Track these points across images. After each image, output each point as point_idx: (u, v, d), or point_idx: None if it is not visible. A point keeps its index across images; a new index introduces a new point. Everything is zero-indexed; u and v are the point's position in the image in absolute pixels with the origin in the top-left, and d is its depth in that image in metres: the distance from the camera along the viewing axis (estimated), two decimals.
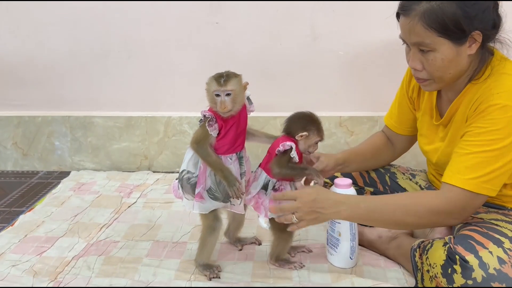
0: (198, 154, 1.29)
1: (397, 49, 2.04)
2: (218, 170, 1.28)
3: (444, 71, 1.18)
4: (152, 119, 2.23)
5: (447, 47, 1.15)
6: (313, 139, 1.33)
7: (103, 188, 2.03)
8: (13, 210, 1.87)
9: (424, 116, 1.39)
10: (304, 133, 1.31)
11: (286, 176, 1.31)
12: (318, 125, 1.33)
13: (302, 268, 1.38)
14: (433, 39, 1.14)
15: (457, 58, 1.17)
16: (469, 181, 1.14)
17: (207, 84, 1.28)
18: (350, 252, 1.36)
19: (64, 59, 2.19)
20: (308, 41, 2.09)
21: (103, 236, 1.60)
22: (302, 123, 1.33)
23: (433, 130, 1.36)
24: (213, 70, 2.12)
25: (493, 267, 1.08)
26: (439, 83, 1.23)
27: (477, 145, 1.14)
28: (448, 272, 1.12)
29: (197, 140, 1.28)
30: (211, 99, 1.27)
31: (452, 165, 1.18)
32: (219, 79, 1.25)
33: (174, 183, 1.38)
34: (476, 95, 1.19)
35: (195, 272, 1.37)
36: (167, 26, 2.11)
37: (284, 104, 2.18)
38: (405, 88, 1.46)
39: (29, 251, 1.51)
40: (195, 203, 1.31)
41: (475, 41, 1.15)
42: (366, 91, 2.15)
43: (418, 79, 1.25)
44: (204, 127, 1.27)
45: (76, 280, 1.35)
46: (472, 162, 1.14)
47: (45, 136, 2.28)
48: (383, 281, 1.30)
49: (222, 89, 1.24)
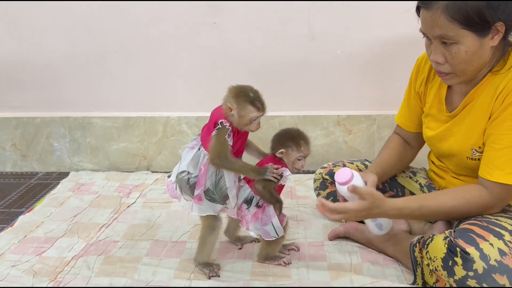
0: (224, 167, 1.27)
1: (395, 48, 2.05)
2: (249, 171, 1.29)
3: (467, 63, 1.18)
4: (151, 120, 2.24)
5: (471, 39, 1.14)
6: (293, 156, 1.33)
7: (102, 189, 2.03)
8: (13, 211, 1.87)
9: (432, 109, 1.38)
10: (281, 149, 1.32)
11: (263, 197, 1.33)
12: (298, 141, 1.33)
13: (295, 266, 1.38)
14: (456, 31, 1.13)
15: (480, 50, 1.16)
16: (510, 175, 1.16)
17: (241, 109, 1.24)
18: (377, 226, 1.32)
19: (63, 60, 2.20)
20: (306, 40, 2.10)
21: (102, 236, 1.60)
22: (281, 140, 1.34)
23: (441, 122, 1.35)
24: (212, 70, 2.15)
25: (494, 258, 1.08)
26: (461, 77, 1.22)
27: (509, 139, 1.16)
28: (449, 265, 1.13)
29: (217, 154, 1.25)
30: (244, 122, 1.26)
31: (488, 161, 1.20)
32: (256, 105, 1.25)
33: (168, 182, 1.37)
34: (500, 86, 1.19)
35: (195, 271, 1.38)
36: (165, 26, 2.12)
37: (283, 103, 2.19)
38: (413, 85, 1.45)
39: (28, 252, 1.51)
40: (194, 205, 1.32)
41: (498, 32, 1.15)
42: (364, 90, 2.16)
43: (439, 73, 1.24)
44: (223, 138, 1.25)
45: (76, 280, 1.35)
46: (508, 156, 1.16)
47: (44, 137, 2.29)
48: (382, 278, 1.31)
49: (262, 114, 1.26)
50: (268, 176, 1.28)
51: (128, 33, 2.14)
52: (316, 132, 2.20)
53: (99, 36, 2.15)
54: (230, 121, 1.26)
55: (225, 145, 1.25)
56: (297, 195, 1.92)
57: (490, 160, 1.20)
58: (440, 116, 1.36)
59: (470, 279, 1.09)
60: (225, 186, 1.29)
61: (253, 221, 1.34)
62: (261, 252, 1.41)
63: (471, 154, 1.26)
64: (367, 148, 2.19)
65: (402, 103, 1.53)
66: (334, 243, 1.52)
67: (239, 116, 1.25)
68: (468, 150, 1.26)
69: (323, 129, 2.20)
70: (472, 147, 1.25)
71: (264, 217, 1.34)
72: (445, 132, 1.33)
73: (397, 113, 1.55)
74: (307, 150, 1.34)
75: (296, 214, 1.73)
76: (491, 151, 1.20)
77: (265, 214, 1.34)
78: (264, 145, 1.39)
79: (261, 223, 1.34)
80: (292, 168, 1.35)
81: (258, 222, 1.34)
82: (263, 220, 1.34)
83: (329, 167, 1.65)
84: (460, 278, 1.11)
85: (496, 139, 1.19)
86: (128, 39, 2.15)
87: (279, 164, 1.32)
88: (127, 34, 2.14)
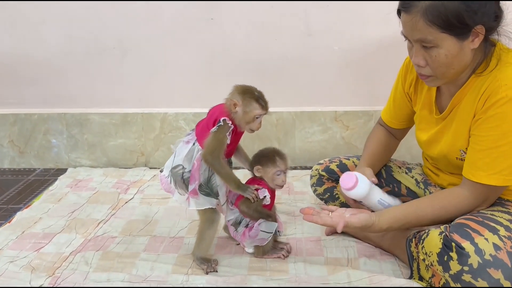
0: (213, 167, 1.28)
1: (391, 44, 2.06)
2: (232, 182, 1.31)
3: (448, 66, 1.18)
4: (148, 116, 2.24)
5: (451, 42, 1.14)
6: (270, 172, 1.36)
7: (100, 185, 2.03)
8: (10, 207, 1.87)
9: (423, 111, 1.38)
10: (258, 166, 1.36)
11: (251, 217, 1.37)
12: (272, 157, 1.36)
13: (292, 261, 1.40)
14: (436, 35, 1.13)
15: (461, 53, 1.16)
16: (492, 176, 1.17)
17: (246, 106, 1.26)
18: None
19: (60, 57, 2.20)
20: (303, 36, 2.10)
21: (100, 232, 1.61)
22: (256, 159, 1.39)
23: (432, 124, 1.36)
24: (209, 66, 2.16)
25: (489, 253, 1.09)
26: (442, 79, 1.22)
27: (491, 140, 1.16)
28: (444, 260, 1.14)
29: (212, 150, 1.26)
30: (248, 120, 1.28)
31: (471, 162, 1.21)
32: (261, 103, 1.27)
33: (162, 176, 1.38)
34: (482, 87, 1.18)
35: (192, 266, 1.38)
36: (162, 22, 2.12)
37: (280, 99, 2.19)
38: (401, 84, 1.45)
39: (26, 247, 1.52)
40: (191, 199, 1.32)
41: (478, 34, 1.14)
42: (361, 86, 2.16)
43: (421, 75, 1.24)
44: (222, 134, 1.26)
45: (74, 276, 1.35)
46: (490, 158, 1.17)
47: (42, 133, 2.29)
48: (379, 273, 1.32)
49: (265, 112, 1.28)
50: (247, 194, 1.31)
51: (126, 29, 2.14)
52: (314, 128, 2.20)
53: (96, 33, 2.15)
54: (233, 119, 1.27)
55: (222, 142, 1.26)
56: (294, 191, 1.93)
57: (473, 161, 1.21)
58: (431, 118, 1.36)
59: (465, 274, 1.10)
60: (215, 182, 1.31)
61: (244, 240, 1.39)
62: (257, 250, 1.42)
63: (460, 155, 1.27)
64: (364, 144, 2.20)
65: (388, 100, 1.54)
66: (331, 238, 1.53)
67: (244, 112, 1.26)
68: (457, 151, 1.27)
69: (320, 125, 2.20)
70: (460, 148, 1.26)
71: (252, 230, 1.37)
72: (436, 135, 1.33)
73: (383, 109, 1.57)
74: (283, 165, 1.37)
75: (294, 209, 1.74)
76: (473, 152, 1.20)
77: (252, 229, 1.38)
78: (261, 142, 1.41)
79: (252, 236, 1.38)
80: (274, 185, 1.38)
81: (248, 238, 1.38)
82: (252, 234, 1.38)
83: (326, 164, 1.65)
84: (455, 273, 1.11)
85: (478, 140, 1.19)
86: (126, 35, 2.15)
87: (260, 184, 1.36)
88: (124, 30, 2.14)
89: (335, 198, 1.62)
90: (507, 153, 1.15)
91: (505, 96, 1.13)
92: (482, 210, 1.24)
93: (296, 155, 2.23)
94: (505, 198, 1.29)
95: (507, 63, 1.17)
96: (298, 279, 1.31)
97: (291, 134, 2.21)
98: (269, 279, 1.31)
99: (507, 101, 1.13)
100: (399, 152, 1.67)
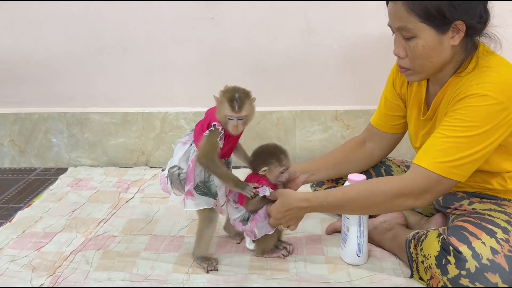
0: (208, 168, 1.28)
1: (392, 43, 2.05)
2: (229, 181, 1.30)
3: (425, 59, 1.18)
4: (149, 115, 2.24)
5: (429, 34, 1.14)
6: (276, 170, 1.35)
7: (101, 184, 2.03)
8: (11, 206, 1.88)
9: (412, 111, 1.38)
10: (264, 167, 1.34)
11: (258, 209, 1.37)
12: (278, 156, 1.35)
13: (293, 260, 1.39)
14: (415, 24, 1.14)
15: (439, 47, 1.16)
16: (438, 164, 1.13)
17: (220, 104, 1.25)
18: (357, 249, 1.35)
19: (60, 56, 2.20)
20: (303, 35, 2.10)
21: (101, 231, 1.61)
22: (262, 158, 1.36)
23: (420, 125, 1.36)
24: (209, 65, 2.16)
25: (486, 257, 1.09)
26: (421, 73, 1.22)
27: (451, 129, 1.14)
28: (442, 263, 1.14)
29: (206, 154, 1.26)
30: (223, 120, 1.25)
31: (424, 148, 1.18)
32: (233, 104, 1.23)
33: (161, 175, 1.38)
34: (456, 87, 1.19)
35: (193, 265, 1.38)
36: (162, 21, 2.12)
37: (280, 98, 2.20)
38: (392, 85, 1.44)
39: (27, 247, 1.52)
40: (186, 200, 1.32)
41: (459, 31, 1.15)
42: (361, 84, 2.16)
43: (401, 68, 1.25)
44: (214, 139, 1.25)
45: (74, 275, 1.35)
46: (444, 146, 1.14)
47: (42, 132, 2.29)
48: (379, 271, 1.32)
49: (236, 115, 1.24)
50: (246, 193, 1.30)
51: (126, 29, 2.14)
52: (314, 127, 2.20)
53: (96, 32, 2.15)
54: (222, 123, 1.26)
55: (214, 147, 1.26)
56: None
57: (426, 147, 1.18)
58: (418, 120, 1.35)
59: (463, 278, 1.10)
60: (213, 183, 1.31)
61: (255, 225, 1.36)
62: (258, 248, 1.42)
63: None
64: None
65: (378, 105, 1.52)
66: (332, 237, 1.52)
67: (218, 110, 1.26)
68: None
69: (320, 124, 2.20)
70: None
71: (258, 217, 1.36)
72: (424, 138, 1.32)
73: (373, 116, 1.54)
74: (288, 162, 1.37)
75: None
76: (430, 139, 1.18)
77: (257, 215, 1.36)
78: (262, 141, 1.40)
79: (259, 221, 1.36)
80: (276, 182, 1.38)
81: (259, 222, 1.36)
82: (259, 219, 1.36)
83: None
84: (453, 277, 1.11)
85: (438, 129, 1.17)
86: (126, 34, 2.15)
87: (262, 180, 1.34)
88: (124, 30, 2.14)
89: None
90: (462, 146, 1.12)
91: (475, 93, 1.13)
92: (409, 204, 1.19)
93: (297, 154, 2.23)
94: (501, 197, 1.28)
95: (484, 67, 1.17)
96: (298, 278, 1.31)
97: (292, 133, 2.21)
98: (270, 278, 1.31)
99: (476, 97, 1.12)
100: (399, 151, 1.67)
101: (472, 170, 1.16)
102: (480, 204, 1.27)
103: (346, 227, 1.36)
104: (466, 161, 1.13)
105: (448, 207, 1.33)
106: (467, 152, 1.12)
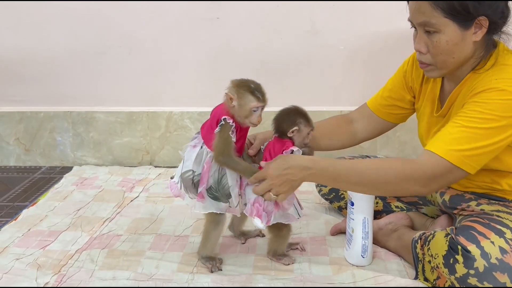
0: (227, 166, 1.26)
1: (397, 43, 2.05)
2: (251, 175, 1.26)
3: (447, 54, 1.17)
4: (154, 114, 2.24)
5: (453, 29, 1.14)
6: (304, 131, 1.31)
7: (106, 183, 2.04)
8: (16, 204, 1.88)
9: (425, 108, 1.37)
10: (294, 127, 1.29)
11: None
12: (305, 116, 1.32)
13: (297, 261, 1.39)
14: (439, 19, 1.13)
15: (462, 43, 1.16)
16: (451, 152, 1.11)
17: (239, 99, 1.23)
18: (362, 250, 1.34)
19: (65, 55, 2.20)
20: (308, 36, 2.09)
21: (106, 230, 1.61)
22: (290, 119, 1.31)
23: (433, 122, 1.35)
24: (214, 65, 2.16)
25: (495, 256, 1.09)
26: (442, 69, 1.21)
27: (468, 120, 1.12)
28: (450, 262, 1.13)
29: (221, 151, 1.24)
30: (246, 113, 1.24)
31: (439, 135, 1.16)
32: (256, 94, 1.22)
33: (172, 182, 1.36)
34: (473, 83, 1.18)
35: (197, 264, 1.38)
36: (167, 21, 2.12)
37: (285, 99, 2.17)
38: (403, 76, 1.43)
39: (32, 245, 1.52)
40: (196, 203, 1.31)
41: (482, 27, 1.14)
42: (366, 85, 2.15)
43: (421, 63, 1.24)
44: (226, 134, 1.23)
45: (79, 273, 1.36)
46: (459, 135, 1.12)
47: (47, 131, 2.29)
48: (384, 273, 1.32)
49: (262, 104, 1.24)
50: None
51: (131, 28, 2.14)
52: None
53: (101, 31, 2.16)
54: (232, 116, 1.25)
55: (228, 141, 1.24)
56: (299, 190, 1.91)
57: (441, 134, 1.15)
58: (431, 117, 1.35)
59: (471, 277, 1.09)
60: (227, 184, 1.28)
61: (276, 210, 1.30)
62: (270, 249, 1.40)
63: None
64: (369, 143, 2.19)
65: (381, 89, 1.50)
66: (336, 238, 1.52)
67: (239, 105, 1.23)
68: None
69: None
70: None
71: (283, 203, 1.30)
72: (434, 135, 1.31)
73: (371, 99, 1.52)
74: (313, 124, 1.34)
75: None
76: (445, 128, 1.15)
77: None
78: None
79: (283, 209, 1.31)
80: (302, 144, 1.32)
81: (280, 209, 1.31)
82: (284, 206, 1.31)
83: None
84: (461, 276, 1.11)
85: (454, 118, 1.15)
86: (131, 33, 2.15)
87: (286, 144, 1.29)
88: (129, 29, 2.15)
89: (340, 198, 1.62)
90: (478, 138, 1.11)
91: (494, 87, 1.12)
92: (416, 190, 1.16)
93: None
94: (510, 199, 1.28)
95: (502, 64, 1.16)
96: (303, 278, 1.31)
97: None
98: (274, 279, 1.31)
99: (495, 91, 1.12)
100: (404, 152, 1.67)
101: (483, 163, 1.14)
102: (488, 206, 1.27)
103: (351, 228, 1.36)
104: (480, 152, 1.11)
105: (455, 208, 1.33)
106: (481, 143, 1.11)
